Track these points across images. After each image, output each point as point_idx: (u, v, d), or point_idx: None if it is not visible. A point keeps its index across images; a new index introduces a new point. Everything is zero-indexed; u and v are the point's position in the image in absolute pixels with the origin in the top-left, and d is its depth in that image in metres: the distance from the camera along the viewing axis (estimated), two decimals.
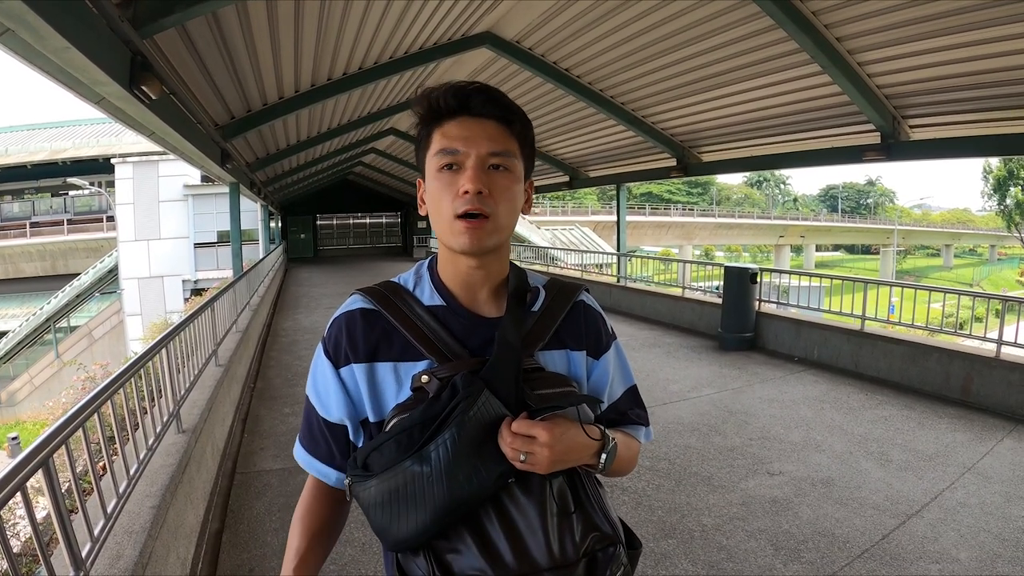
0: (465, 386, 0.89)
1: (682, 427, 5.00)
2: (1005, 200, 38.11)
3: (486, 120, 0.96)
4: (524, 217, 33.00)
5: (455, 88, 0.96)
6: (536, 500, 0.91)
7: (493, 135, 0.95)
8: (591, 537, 0.93)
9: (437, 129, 0.97)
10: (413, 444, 0.88)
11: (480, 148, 0.94)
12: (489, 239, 0.95)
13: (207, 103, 6.83)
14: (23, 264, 29.38)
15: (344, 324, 1.00)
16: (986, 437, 4.74)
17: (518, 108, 1.00)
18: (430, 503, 0.86)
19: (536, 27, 7.59)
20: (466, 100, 0.96)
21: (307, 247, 29.16)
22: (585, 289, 1.12)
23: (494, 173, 0.95)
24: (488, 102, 0.96)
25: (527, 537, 0.89)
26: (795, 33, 5.62)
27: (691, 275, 10.63)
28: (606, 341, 1.10)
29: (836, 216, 65.33)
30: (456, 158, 0.94)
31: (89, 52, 3.11)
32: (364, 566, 3.00)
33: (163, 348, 3.22)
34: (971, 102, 5.89)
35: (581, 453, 0.92)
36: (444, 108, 0.96)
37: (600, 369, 1.08)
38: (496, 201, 0.94)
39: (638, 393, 1.16)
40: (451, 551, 0.90)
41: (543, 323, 1.03)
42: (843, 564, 3.01)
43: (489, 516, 0.90)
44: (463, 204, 0.92)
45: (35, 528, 1.58)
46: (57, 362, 23.09)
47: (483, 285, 1.02)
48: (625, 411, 1.13)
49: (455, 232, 0.94)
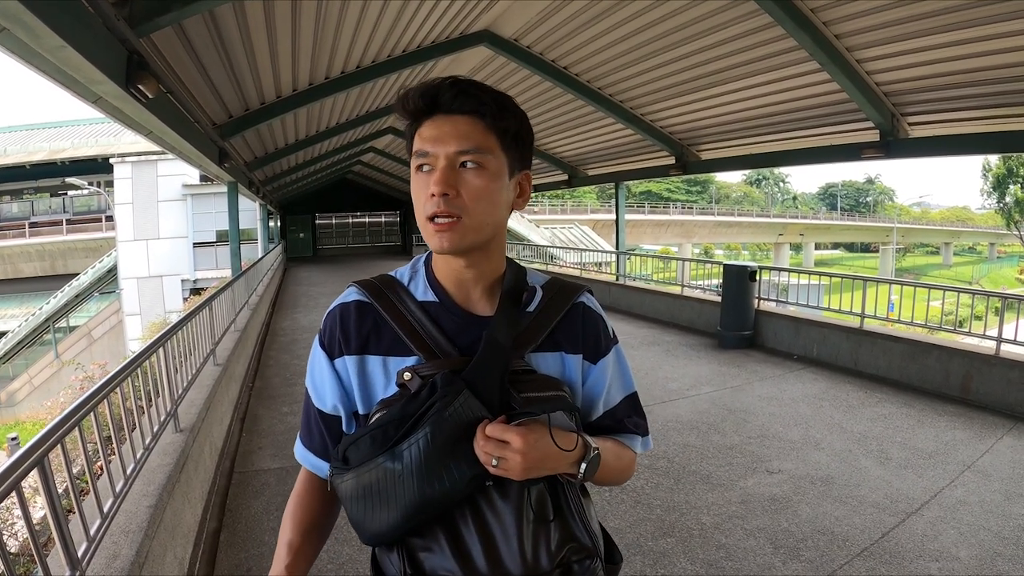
0: (444, 385, 0.88)
1: (681, 425, 4.99)
2: (1004, 198, 38.09)
3: (458, 116, 0.92)
4: (523, 216, 33.01)
5: (424, 87, 0.93)
6: (513, 505, 0.89)
7: (464, 132, 0.91)
8: (567, 547, 0.92)
9: (416, 131, 0.95)
10: (388, 441, 0.87)
11: (448, 147, 0.90)
12: (463, 240, 0.91)
13: (204, 102, 6.82)
14: (22, 264, 29.38)
15: (338, 316, 1.00)
16: (986, 435, 4.74)
17: (495, 98, 0.93)
18: (400, 501, 0.86)
19: (534, 25, 7.58)
20: (435, 98, 0.93)
21: (306, 246, 29.16)
22: (587, 290, 1.08)
23: (465, 172, 0.91)
24: (459, 96, 0.92)
25: (500, 543, 0.88)
26: (793, 30, 5.62)
27: (690, 273, 10.61)
28: (605, 345, 1.06)
29: (835, 214, 65.29)
30: (427, 159, 0.92)
31: (85, 51, 3.09)
32: (362, 565, 3.00)
33: (160, 347, 3.21)
34: (970, 99, 5.89)
35: (557, 461, 0.89)
36: (415, 108, 0.94)
37: (596, 374, 1.04)
38: (467, 200, 0.90)
39: (638, 401, 1.12)
40: (424, 549, 0.89)
41: (537, 324, 0.99)
42: (842, 562, 3.01)
43: (464, 518, 0.89)
44: (432, 206, 0.90)
45: (30, 528, 1.57)
46: (56, 362, 23.07)
47: (476, 283, 0.99)
48: (622, 419, 1.09)
49: (428, 234, 0.92)
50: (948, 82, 5.78)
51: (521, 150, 0.98)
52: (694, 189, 65.83)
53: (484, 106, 0.92)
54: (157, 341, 3.18)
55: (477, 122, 0.92)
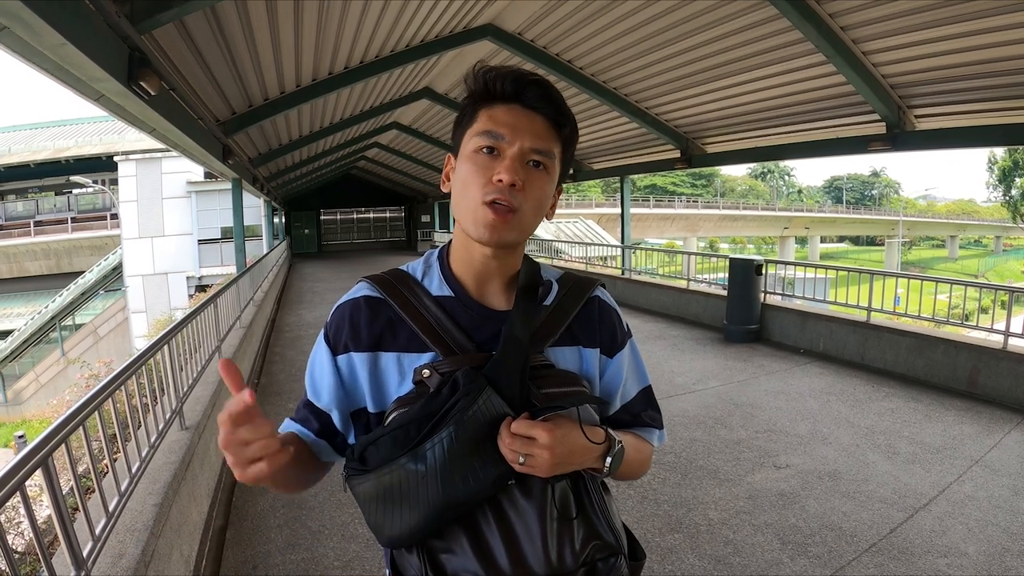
0: (466, 382, 0.86)
1: (688, 420, 4.97)
2: (1010, 191, 37.89)
3: (536, 114, 0.93)
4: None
5: (515, 74, 0.93)
6: (536, 504, 0.87)
7: (540, 131, 0.92)
8: (592, 546, 0.90)
9: (484, 109, 0.93)
10: (409, 441, 0.84)
11: (524, 140, 0.90)
12: (510, 234, 0.91)
13: (207, 98, 6.80)
14: (28, 263, 29.50)
15: (348, 312, 0.97)
16: (993, 429, 4.71)
17: (571, 112, 0.96)
18: (424, 503, 0.83)
19: (538, 19, 7.54)
20: (522, 89, 0.92)
21: (311, 242, 29.17)
22: (601, 284, 1.08)
23: (532, 169, 0.91)
24: (543, 98, 0.93)
25: (524, 543, 0.86)
26: (799, 22, 5.57)
27: (696, 267, 10.57)
28: (621, 339, 1.05)
29: (841, 207, 65.12)
30: (498, 143, 0.90)
31: (86, 48, 3.08)
32: (368, 563, 2.99)
33: (164, 345, 3.21)
34: (977, 91, 5.84)
35: (584, 456, 0.88)
36: (498, 91, 0.93)
37: (614, 368, 1.04)
38: (527, 197, 0.90)
39: (652, 394, 1.11)
40: (445, 551, 0.87)
41: (554, 318, 0.99)
42: (851, 558, 2.99)
43: (487, 518, 0.87)
44: (494, 192, 0.88)
45: (35, 528, 1.57)
46: (63, 360, 23.19)
47: (495, 277, 0.98)
48: (639, 413, 1.08)
49: (478, 219, 0.90)
50: (955, 74, 5.73)
51: (569, 165, 1.01)
52: (699, 183, 65.68)
53: (562, 115, 0.94)
54: (161, 339, 3.17)
55: (552, 127, 0.94)
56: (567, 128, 0.95)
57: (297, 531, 3.31)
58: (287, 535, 3.29)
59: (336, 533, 3.28)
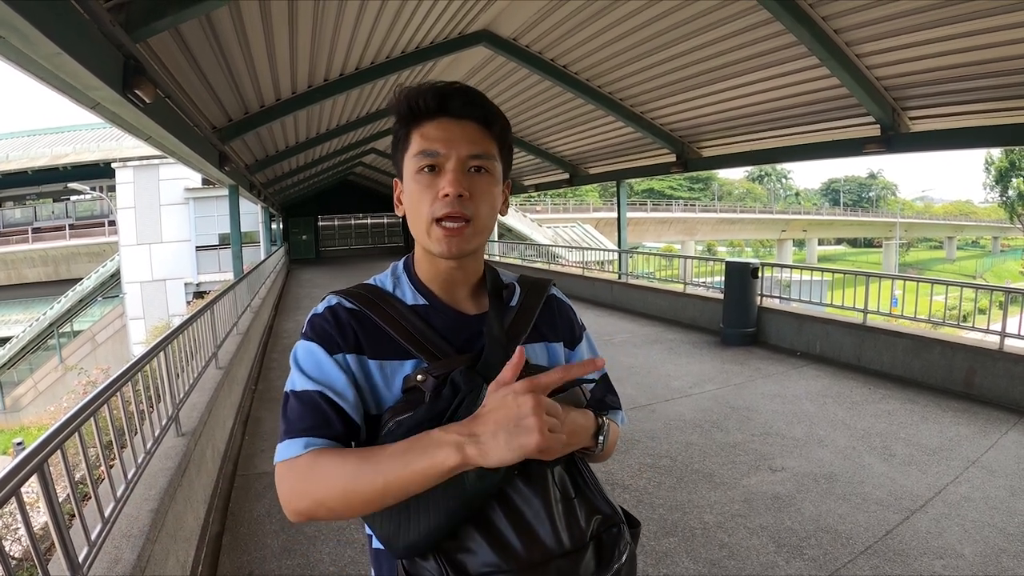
0: (466, 382, 0.88)
1: (684, 423, 4.98)
2: (1007, 191, 38.03)
3: (466, 121, 0.95)
4: (526, 215, 33.03)
5: (435, 88, 0.95)
6: (539, 489, 0.89)
7: (473, 137, 0.95)
8: (595, 519, 0.93)
9: (416, 130, 0.96)
10: None
11: (460, 150, 0.93)
12: (469, 244, 0.95)
13: (203, 106, 6.82)
14: (26, 270, 29.43)
15: (330, 316, 0.96)
16: (990, 430, 4.72)
17: (498, 110, 0.99)
18: (443, 505, 0.83)
19: (532, 24, 7.58)
20: (446, 101, 0.94)
21: (309, 248, 29.17)
22: (553, 283, 1.16)
23: (474, 176, 0.95)
24: (468, 104, 0.96)
25: (536, 526, 0.87)
26: (792, 25, 5.60)
27: (693, 271, 10.58)
28: (579, 332, 1.15)
29: (838, 210, 65.17)
30: (436, 160, 0.93)
31: (81, 57, 3.10)
32: (364, 567, 2.99)
33: (161, 351, 3.21)
34: (971, 93, 5.87)
35: (582, 436, 0.93)
36: (423, 108, 0.95)
37: (576, 358, 1.12)
38: (476, 204, 0.94)
39: (609, 379, 1.15)
40: (462, 551, 0.86)
41: (522, 317, 1.05)
42: (846, 560, 3.00)
43: (495, 510, 0.87)
44: (443, 207, 0.92)
45: (31, 534, 1.57)
46: (61, 367, 23.12)
47: (463, 283, 1.03)
48: (602, 397, 1.11)
49: (433, 237, 0.94)
50: (948, 76, 5.76)
51: (509, 161, 1.05)
52: (696, 186, 65.70)
53: (491, 116, 0.98)
54: (157, 345, 3.18)
55: (483, 129, 0.97)
56: (498, 126, 0.99)
57: (293, 536, 3.31)
58: (283, 540, 3.29)
59: (331, 538, 3.28)
